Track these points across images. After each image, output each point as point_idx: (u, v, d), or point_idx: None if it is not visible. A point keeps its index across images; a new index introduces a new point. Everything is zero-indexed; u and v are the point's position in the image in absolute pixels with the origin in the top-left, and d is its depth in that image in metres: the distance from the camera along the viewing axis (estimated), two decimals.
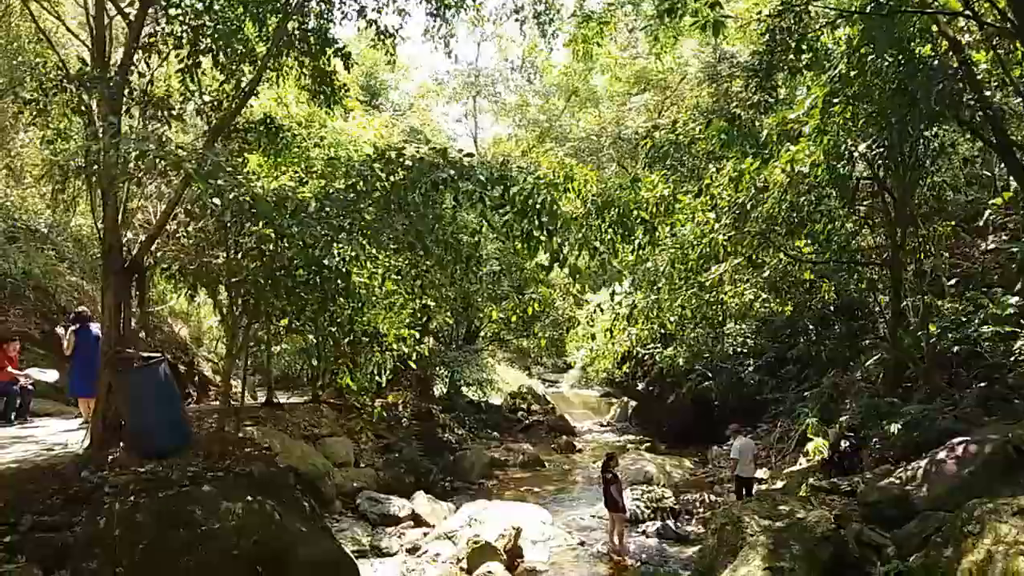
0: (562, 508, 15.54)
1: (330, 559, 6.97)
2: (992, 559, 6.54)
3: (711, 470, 17.95)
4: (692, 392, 21.53)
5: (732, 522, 8.80)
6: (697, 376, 21.47)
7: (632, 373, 25.35)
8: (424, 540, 12.37)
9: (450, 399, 25.15)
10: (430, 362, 22.10)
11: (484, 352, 27.99)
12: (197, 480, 6.78)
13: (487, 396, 27.73)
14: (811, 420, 15.49)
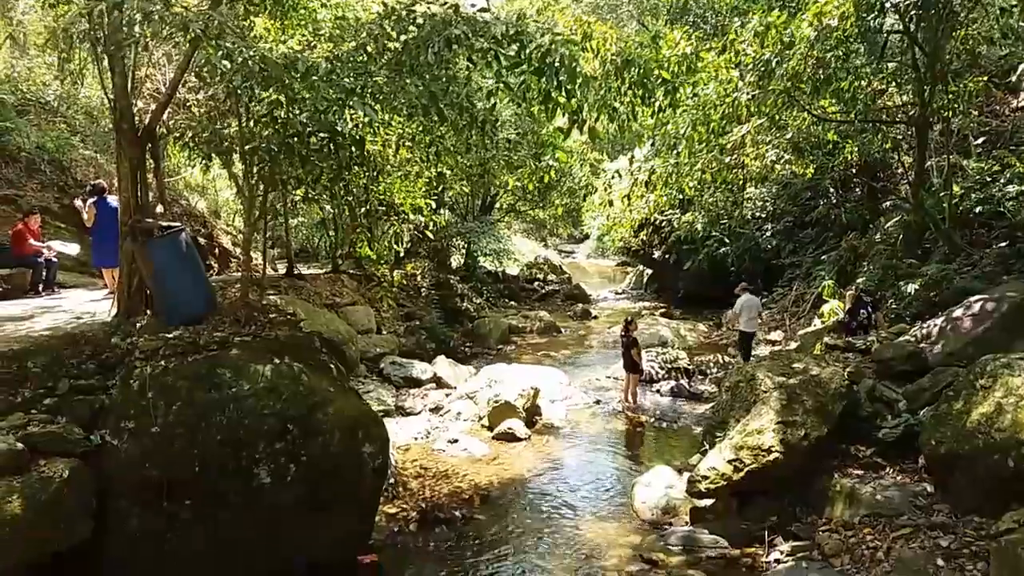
0: (578, 370, 15.95)
1: (358, 417, 7.21)
2: (1001, 410, 6.68)
3: (725, 333, 18.23)
4: (708, 258, 21.57)
5: (746, 379, 8.99)
6: (714, 242, 21.45)
7: (649, 241, 25.35)
8: (446, 400, 12.82)
9: (468, 269, 25.37)
10: (447, 233, 22.16)
11: (500, 223, 27.98)
12: (224, 345, 6.95)
13: (504, 266, 27.95)
14: (827, 282, 15.55)
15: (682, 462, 9.80)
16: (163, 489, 6.00)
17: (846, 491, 7.56)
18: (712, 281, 21.37)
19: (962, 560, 6.43)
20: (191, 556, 6.11)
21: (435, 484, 9.32)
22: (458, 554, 7.56)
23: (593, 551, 7.68)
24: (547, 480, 9.74)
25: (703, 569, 7.23)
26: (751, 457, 7.83)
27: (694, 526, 8.02)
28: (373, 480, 7.28)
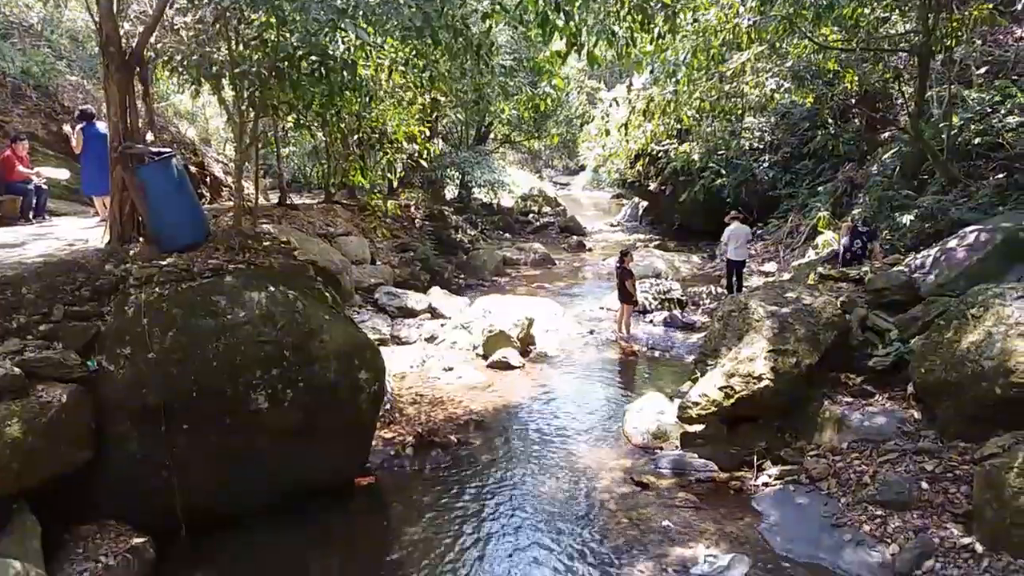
0: (572, 302, 16.03)
1: (354, 344, 7.26)
2: (991, 339, 6.74)
3: (718, 265, 18.26)
4: (704, 190, 21.45)
5: (738, 308, 9.04)
6: (710, 174, 21.30)
7: (644, 172, 25.16)
8: (441, 330, 12.90)
9: (462, 201, 25.22)
10: (441, 163, 21.93)
11: (495, 154, 27.67)
12: (219, 272, 6.93)
13: (498, 198, 27.77)
14: (823, 214, 15.52)
15: (673, 390, 9.93)
16: (161, 414, 6.06)
17: (835, 417, 7.69)
18: (707, 213, 21.29)
19: (946, 483, 6.59)
20: (191, 480, 6.21)
21: (431, 410, 9.45)
22: (453, 476, 7.72)
23: (585, 473, 7.84)
24: (541, 407, 9.88)
25: (692, 492, 7.40)
26: (742, 384, 7.94)
27: (684, 450, 8.18)
28: (370, 406, 7.37)
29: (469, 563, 6.23)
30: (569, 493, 7.43)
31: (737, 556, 6.23)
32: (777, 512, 6.94)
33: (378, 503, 7.31)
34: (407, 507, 7.13)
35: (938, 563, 5.93)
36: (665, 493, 7.41)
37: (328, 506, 6.90)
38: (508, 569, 6.16)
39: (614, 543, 6.54)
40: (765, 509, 7.03)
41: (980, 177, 12.25)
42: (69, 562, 5.44)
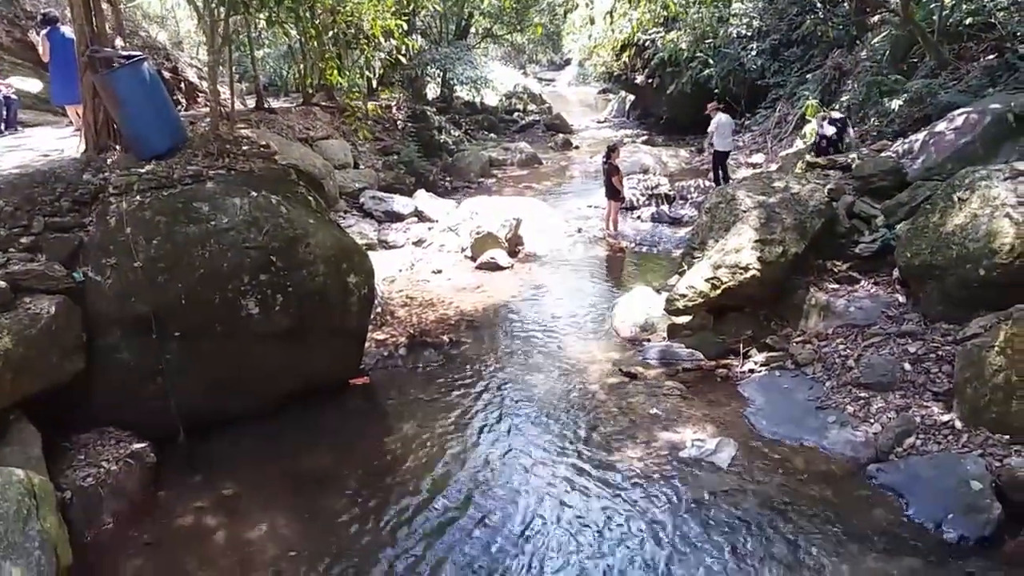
0: (560, 201, 15.95)
1: (341, 248, 7.22)
2: (976, 221, 6.76)
3: (706, 158, 18.09)
4: (692, 81, 21.03)
5: (726, 200, 9.01)
6: (698, 64, 20.84)
7: (631, 64, 24.58)
8: (428, 233, 12.86)
9: (444, 100, 24.69)
10: (421, 60, 21.34)
11: (476, 49, 26.91)
12: (199, 178, 6.81)
13: (481, 96, 27.19)
14: (811, 102, 15.28)
15: (661, 283, 10.00)
16: (151, 322, 6.07)
17: (821, 304, 7.79)
18: (695, 106, 20.84)
19: (928, 364, 6.75)
20: (186, 387, 6.28)
21: (421, 312, 9.52)
22: (446, 373, 7.85)
23: (575, 367, 7.98)
24: (530, 305, 9.96)
25: (679, 380, 7.56)
26: (729, 275, 7.99)
27: (671, 342, 8.30)
28: (360, 309, 7.40)
29: (464, 454, 6.40)
30: (560, 386, 7.57)
31: (724, 440, 6.42)
32: (763, 397, 7.12)
33: (373, 402, 7.45)
34: (402, 405, 7.26)
35: (918, 440, 6.14)
36: (653, 383, 7.57)
37: (324, 407, 7.03)
38: (502, 457, 6.34)
39: (604, 431, 6.71)
40: (751, 394, 7.21)
41: (971, 59, 12.01)
42: (72, 468, 5.55)
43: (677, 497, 5.78)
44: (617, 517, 5.56)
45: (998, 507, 5.32)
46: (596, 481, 6.00)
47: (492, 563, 5.14)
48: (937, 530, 5.36)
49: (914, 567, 5.08)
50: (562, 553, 5.22)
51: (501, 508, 5.69)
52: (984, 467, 5.62)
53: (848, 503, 5.68)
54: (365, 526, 5.48)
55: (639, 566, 5.10)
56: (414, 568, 5.08)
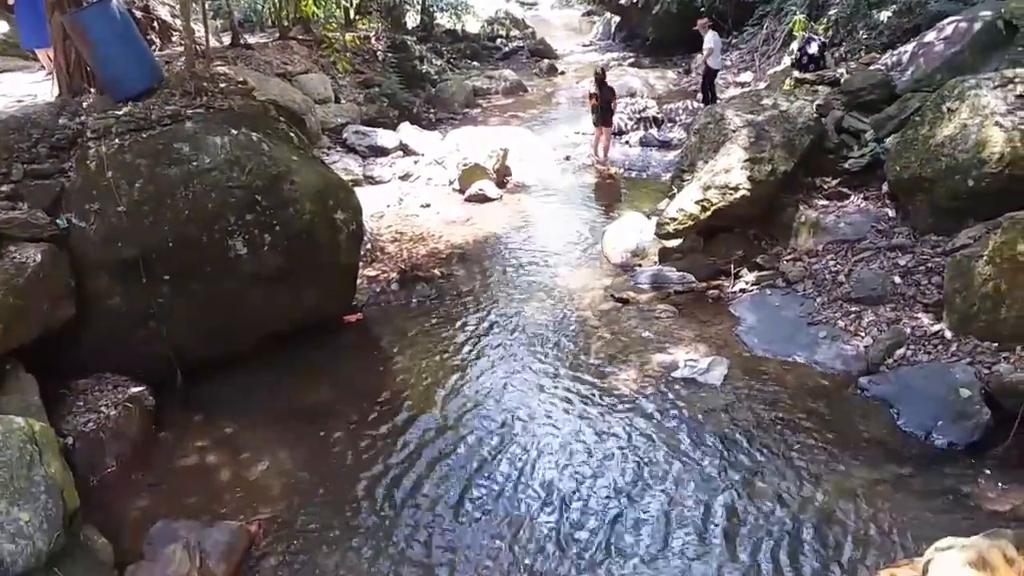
0: (547, 129, 15.74)
1: (327, 185, 7.14)
2: (966, 130, 6.71)
3: (694, 79, 17.82)
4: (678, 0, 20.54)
5: (714, 120, 8.89)
6: None
7: None
8: (415, 167, 12.70)
9: (424, 29, 24.09)
10: None
11: None
12: (177, 118, 6.67)
13: (463, 23, 26.54)
14: (798, 17, 14.97)
15: (651, 208, 9.96)
16: (139, 266, 6.02)
17: (811, 221, 7.78)
18: (682, 25, 20.39)
19: (918, 276, 6.79)
20: (179, 329, 6.28)
21: (412, 247, 9.48)
22: (439, 307, 7.86)
23: (567, 295, 8.01)
24: (521, 235, 9.93)
25: (671, 303, 7.61)
26: (719, 196, 7.95)
27: (662, 265, 8.32)
28: (350, 245, 7.36)
29: (460, 382, 6.47)
30: (552, 314, 7.61)
31: (716, 359, 6.49)
32: (754, 315, 7.17)
33: (367, 337, 7.48)
34: (396, 339, 7.29)
35: (909, 351, 6.23)
36: (645, 307, 7.61)
37: (319, 344, 7.06)
38: (498, 386, 6.41)
39: (597, 355, 6.78)
40: (742, 314, 7.27)
41: None
42: (72, 415, 5.59)
43: (671, 415, 5.89)
44: (612, 436, 5.67)
45: (987, 413, 5.44)
46: (591, 403, 6.09)
47: (492, 483, 5.26)
48: (927, 438, 5.49)
49: (905, 474, 5.21)
50: (559, 470, 5.35)
51: (499, 431, 5.79)
52: (973, 374, 5.72)
53: (840, 415, 5.79)
54: (366, 457, 5.57)
55: (634, 480, 5.23)
56: (418, 492, 5.19)
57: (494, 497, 5.15)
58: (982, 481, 5.11)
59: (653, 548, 4.66)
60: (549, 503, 5.06)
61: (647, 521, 4.87)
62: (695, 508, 4.95)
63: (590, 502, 5.06)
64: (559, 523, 4.89)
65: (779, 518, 4.83)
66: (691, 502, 5.01)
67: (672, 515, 4.91)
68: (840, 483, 5.09)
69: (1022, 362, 5.72)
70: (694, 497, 5.05)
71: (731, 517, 4.87)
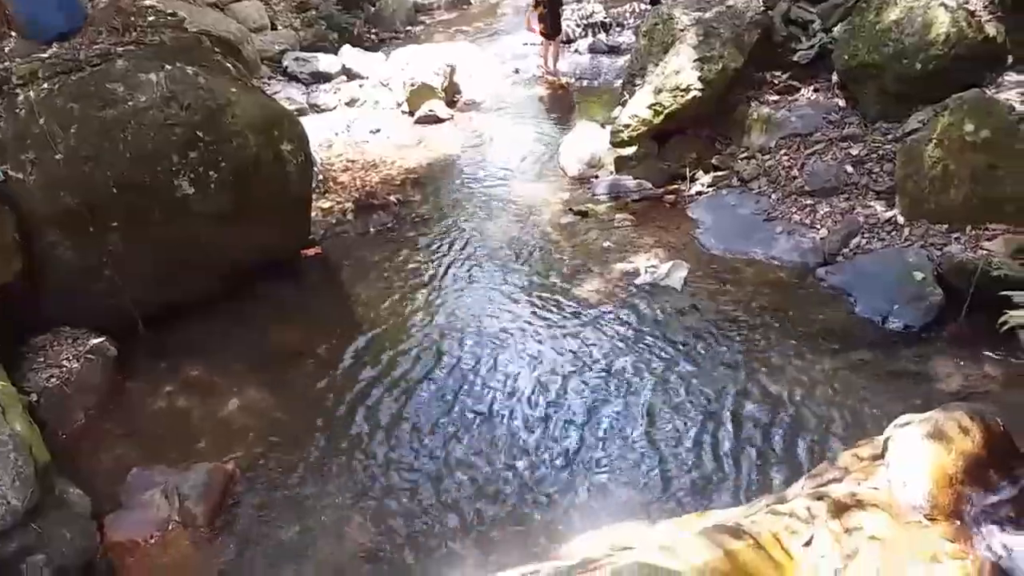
0: (493, 42, 15.34)
1: (269, 115, 6.91)
2: (912, 14, 6.70)
3: None
4: None
5: (662, 20, 8.71)
6: None
7: None
8: (361, 91, 12.34)
9: None
10: None
11: None
12: (108, 57, 6.36)
13: None
14: None
15: (605, 117, 9.84)
16: (85, 215, 5.84)
17: (763, 118, 7.77)
18: None
19: (870, 165, 6.88)
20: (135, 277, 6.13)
21: (365, 175, 9.31)
22: (398, 233, 7.78)
23: (527, 211, 7.98)
24: (476, 155, 9.80)
25: (630, 211, 7.64)
26: (671, 99, 7.89)
27: (619, 175, 8.29)
28: (299, 177, 7.18)
29: (427, 307, 6.48)
30: (513, 231, 7.59)
31: (676, 263, 6.56)
32: (711, 217, 7.24)
33: (328, 270, 7.40)
34: (358, 269, 7.23)
35: (863, 239, 6.35)
36: (604, 217, 7.63)
37: (281, 281, 6.97)
38: (465, 306, 6.44)
39: (560, 269, 6.83)
40: (700, 216, 7.32)
41: None
42: (33, 372, 5.49)
43: (635, 321, 5.99)
44: (579, 344, 5.79)
45: (939, 293, 5.61)
46: (557, 316, 6.16)
47: (469, 400, 5.36)
48: (884, 322, 5.66)
49: (865, 359, 5.40)
50: (532, 381, 5.47)
51: (470, 350, 5.86)
52: (926, 257, 5.87)
53: (799, 307, 5.94)
54: (339, 387, 5.61)
55: (603, 382, 5.37)
56: (395, 416, 5.26)
57: (472, 414, 5.25)
58: (937, 359, 5.31)
59: (628, 445, 4.84)
60: (526, 413, 5.19)
61: (621, 421, 5.04)
62: (665, 405, 5.11)
63: (565, 408, 5.20)
64: (537, 430, 5.03)
65: (744, 409, 5.01)
66: (660, 400, 5.16)
67: (644, 412, 5.08)
68: (802, 372, 5.27)
69: (972, 242, 5.87)
70: (663, 395, 5.20)
71: (699, 411, 5.04)
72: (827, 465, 3.87)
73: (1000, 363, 5.17)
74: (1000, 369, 5.14)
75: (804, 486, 3.74)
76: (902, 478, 3.38)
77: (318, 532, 4.46)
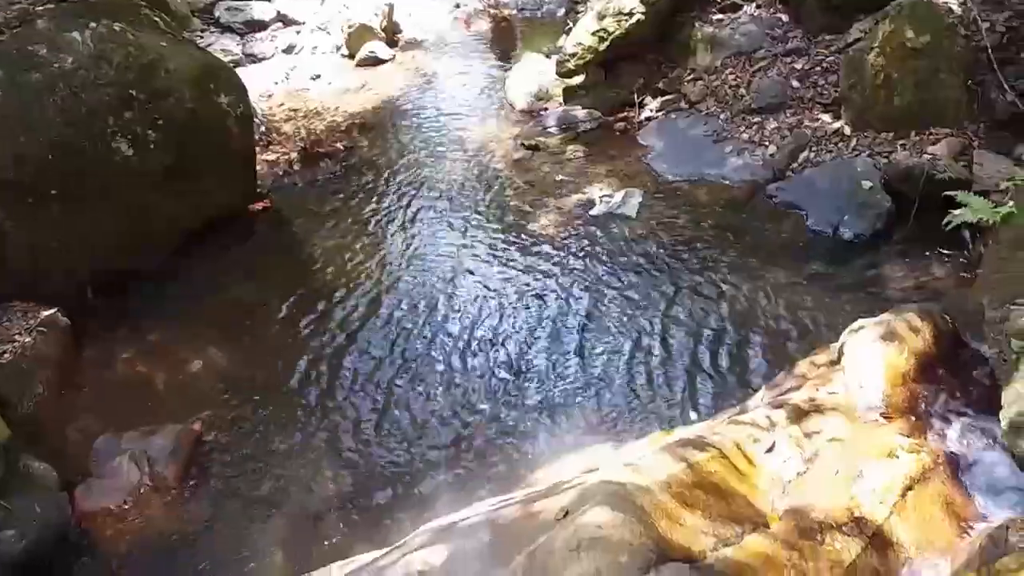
0: None
1: (204, 68, 6.67)
2: None
3: None
4: None
5: None
6: None
7: None
8: (298, 38, 11.95)
9: None
10: None
11: None
12: (27, 18, 6.08)
13: None
14: None
15: (550, 47, 9.70)
16: (21, 186, 5.65)
17: (707, 38, 7.71)
18: None
19: (815, 78, 6.92)
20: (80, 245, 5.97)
21: (309, 123, 9.08)
22: (348, 180, 7.64)
23: (477, 149, 7.88)
24: (423, 95, 9.61)
25: (581, 142, 7.61)
26: (614, 24, 7.77)
27: (568, 105, 8.21)
28: (241, 130, 7.00)
29: (384, 253, 6.43)
30: (465, 171, 7.51)
31: (630, 190, 6.57)
32: (662, 141, 7.23)
33: (280, 223, 7.27)
34: (309, 220, 7.11)
35: (812, 152, 6.42)
36: (556, 150, 7.59)
37: (231, 237, 6.83)
38: (421, 249, 6.39)
39: (515, 205, 6.79)
40: (651, 142, 7.31)
41: None
42: None
43: (592, 250, 6.02)
44: (540, 279, 5.80)
45: (888, 201, 5.71)
46: (514, 252, 6.16)
47: (431, 344, 5.36)
48: (836, 234, 5.76)
49: (819, 271, 5.51)
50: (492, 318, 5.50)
51: (429, 293, 5.84)
52: (873, 166, 5.96)
53: (753, 226, 6.01)
54: (300, 340, 5.56)
55: (564, 312, 5.43)
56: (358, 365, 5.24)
57: (434, 357, 5.25)
58: (888, 266, 5.43)
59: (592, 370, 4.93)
60: (491, 348, 5.22)
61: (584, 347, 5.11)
62: (625, 329, 5.18)
63: (527, 343, 5.23)
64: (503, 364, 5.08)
65: (704, 328, 5.10)
66: (620, 324, 5.23)
67: (605, 337, 5.15)
68: (758, 287, 5.36)
69: (917, 147, 5.96)
70: (623, 320, 5.27)
71: (659, 332, 5.12)
72: (785, 374, 3.98)
73: (948, 263, 5.31)
74: (948, 269, 5.28)
75: (764, 396, 3.85)
76: (858, 381, 3.49)
77: (290, 484, 4.47)
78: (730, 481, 2.84)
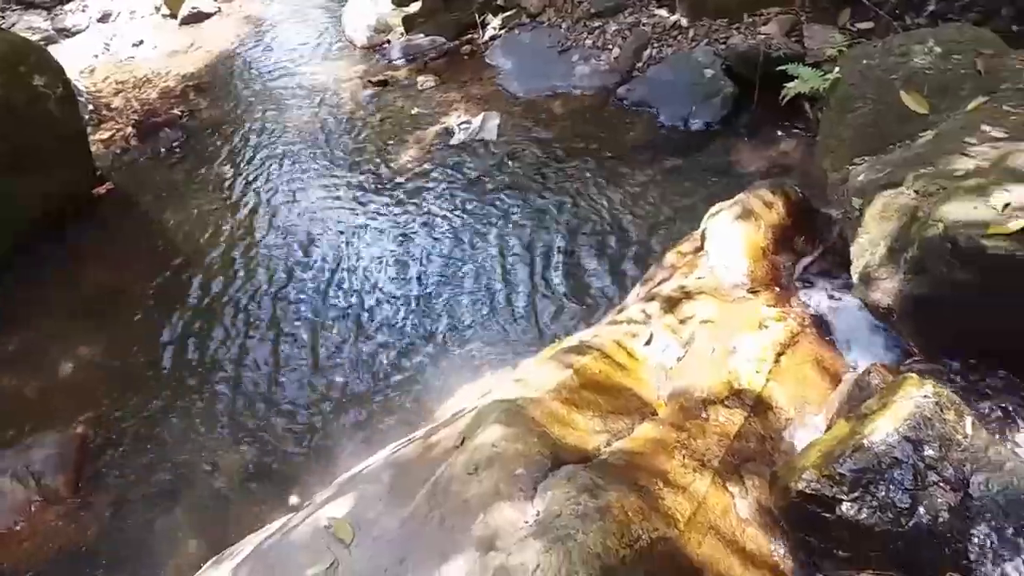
0: None
1: (10, 50, 6.09)
2: None
3: None
4: None
5: None
6: None
7: None
8: (112, 4, 11.01)
9: None
10: None
11: None
12: None
13: None
14: None
15: None
16: None
17: None
18: None
19: None
20: None
21: (139, 94, 8.49)
22: (193, 147, 7.23)
23: (324, 94, 7.58)
24: (257, 45, 9.12)
25: (430, 71, 7.44)
26: None
27: (410, 35, 8.00)
28: (65, 112, 6.47)
29: (243, 216, 6.15)
30: (314, 118, 7.24)
31: (487, 113, 6.52)
32: (509, 61, 7.18)
33: (128, 203, 6.82)
34: (158, 194, 6.71)
35: (654, 49, 6.52)
36: (406, 83, 7.41)
37: (78, 226, 6.38)
38: (283, 206, 6.17)
39: (373, 145, 6.63)
40: (499, 61, 7.24)
41: None
42: None
43: (458, 179, 5.98)
44: (407, 216, 5.73)
45: (730, 86, 5.90)
46: (378, 193, 6.04)
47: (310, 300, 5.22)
48: (687, 126, 5.92)
49: (676, 164, 5.66)
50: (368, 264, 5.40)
51: (299, 250, 5.66)
52: (713, 53, 6.12)
53: (608, 130, 6.09)
54: (173, 321, 5.29)
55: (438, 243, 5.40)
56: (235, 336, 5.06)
57: (310, 314, 5.12)
58: (739, 148, 5.65)
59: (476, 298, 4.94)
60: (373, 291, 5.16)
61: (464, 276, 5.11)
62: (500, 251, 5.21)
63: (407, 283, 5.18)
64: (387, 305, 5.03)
65: (575, 237, 5.18)
66: (496, 247, 5.25)
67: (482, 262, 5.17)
68: (620, 189, 5.47)
69: (750, 29, 6.15)
70: (498, 241, 5.28)
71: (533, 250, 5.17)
72: (656, 267, 4.11)
73: (794, 137, 5.57)
74: (794, 142, 5.53)
75: (639, 292, 3.96)
76: (721, 262, 3.63)
77: (190, 469, 4.32)
78: (615, 378, 2.93)
